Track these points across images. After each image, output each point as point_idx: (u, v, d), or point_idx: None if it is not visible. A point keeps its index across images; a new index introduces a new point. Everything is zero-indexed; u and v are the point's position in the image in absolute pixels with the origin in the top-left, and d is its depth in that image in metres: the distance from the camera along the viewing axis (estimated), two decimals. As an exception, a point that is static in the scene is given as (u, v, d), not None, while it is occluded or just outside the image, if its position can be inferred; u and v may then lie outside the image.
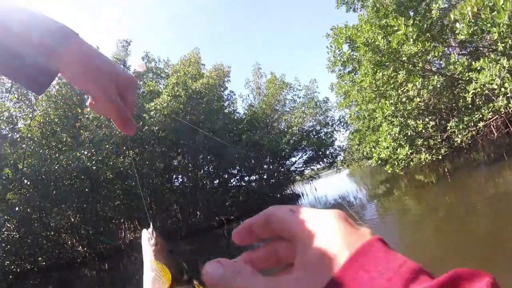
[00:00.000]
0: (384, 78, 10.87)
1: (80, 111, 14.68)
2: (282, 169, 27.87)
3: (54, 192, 11.19)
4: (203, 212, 20.15)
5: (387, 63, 10.42)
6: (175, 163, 20.73)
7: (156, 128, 16.43)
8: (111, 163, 11.64)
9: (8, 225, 11.20)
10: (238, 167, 24.83)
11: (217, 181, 24.25)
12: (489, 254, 4.13)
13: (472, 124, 8.65)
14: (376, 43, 9.76)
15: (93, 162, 11.18)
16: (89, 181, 11.74)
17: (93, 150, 11.41)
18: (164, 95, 16.40)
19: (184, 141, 18.85)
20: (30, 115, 13.85)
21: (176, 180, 21.54)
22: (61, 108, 14.40)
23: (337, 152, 27.93)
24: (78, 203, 11.70)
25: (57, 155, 11.47)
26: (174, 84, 17.18)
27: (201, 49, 22.36)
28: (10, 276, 10.99)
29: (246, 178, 26.15)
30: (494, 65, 6.54)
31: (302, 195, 28.29)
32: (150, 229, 0.63)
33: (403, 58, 9.36)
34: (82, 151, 11.05)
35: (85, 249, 13.61)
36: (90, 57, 0.58)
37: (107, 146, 11.94)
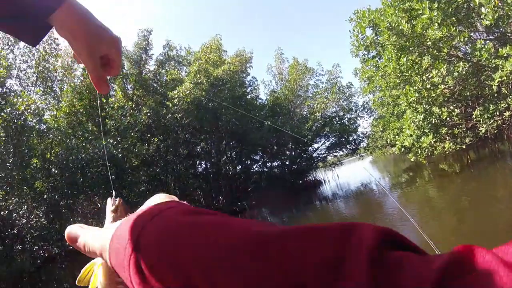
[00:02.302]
0: (409, 63, 10.53)
1: (105, 101, 15.21)
2: (305, 155, 27.79)
3: (81, 179, 11.74)
4: (226, 198, 20.59)
5: (411, 48, 10.07)
6: (198, 150, 21.16)
7: (180, 115, 16.77)
8: (136, 150, 12.06)
9: (37, 212, 11.83)
10: (260, 153, 24.99)
11: (240, 167, 24.57)
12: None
13: (498, 113, 8.27)
14: (400, 27, 9.43)
15: (119, 150, 11.66)
16: (115, 168, 12.25)
17: (118, 139, 11.87)
18: (187, 83, 16.65)
19: (207, 128, 19.16)
20: (56, 107, 14.49)
21: (199, 166, 22.04)
22: (86, 98, 14.98)
23: (360, 138, 27.47)
24: (104, 189, 12.25)
25: (83, 144, 11.99)
26: (196, 72, 17.37)
27: (222, 35, 22.38)
28: (39, 261, 11.66)
29: (268, 164, 26.32)
30: (522, 52, 6.21)
31: (324, 182, 28.18)
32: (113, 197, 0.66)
33: (428, 43, 9.01)
34: (108, 140, 11.48)
35: None
36: (81, 15, 0.62)
37: (132, 133, 12.38)
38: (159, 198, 0.48)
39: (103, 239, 0.42)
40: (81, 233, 0.49)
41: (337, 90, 25.28)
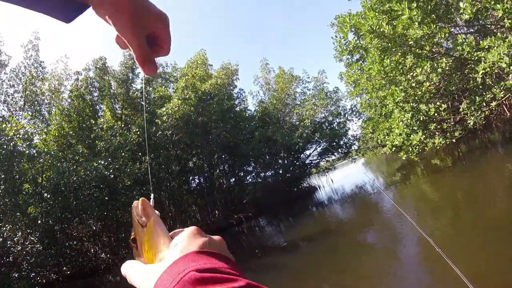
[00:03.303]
0: (392, 64, 10.71)
1: (94, 122, 15.05)
2: (297, 163, 27.85)
3: (74, 202, 11.56)
4: (221, 211, 20.41)
5: (394, 49, 10.25)
6: (190, 165, 21.03)
7: (169, 132, 16.70)
8: (128, 170, 11.93)
9: (32, 238, 11.61)
10: (253, 164, 24.95)
11: (233, 179, 24.47)
12: (506, 240, 4.09)
13: (485, 104, 8.43)
14: (381, 29, 9.61)
15: (111, 171, 11.51)
16: (107, 189, 12.06)
17: (109, 159, 11.73)
18: (175, 99, 16.65)
19: (198, 143, 19.09)
20: (45, 130, 14.31)
21: (193, 181, 21.87)
22: (75, 120, 14.82)
23: (351, 141, 27.71)
24: (98, 211, 12.01)
25: (74, 166, 11.82)
26: (183, 88, 17.41)
27: (207, 49, 22.53)
28: (37, 287, 11.39)
29: (262, 174, 26.28)
30: (502, 43, 6.35)
31: (319, 187, 28.22)
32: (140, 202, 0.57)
33: (410, 42, 9.19)
34: (99, 161, 11.35)
35: (108, 255, 13.99)
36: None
37: (123, 153, 12.25)
38: (188, 238, 0.49)
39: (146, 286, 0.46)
40: (131, 275, 0.51)
41: (325, 96, 25.58)
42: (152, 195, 0.62)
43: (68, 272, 12.80)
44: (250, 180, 26.14)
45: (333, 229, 9.54)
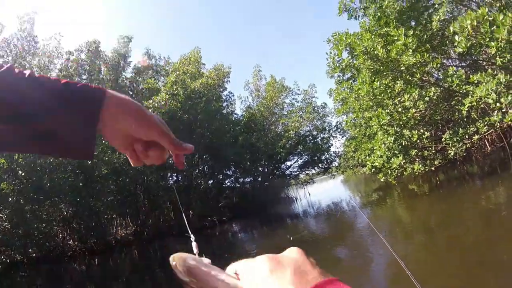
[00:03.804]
0: (382, 87, 10.96)
1: None
2: (277, 173, 27.96)
3: (48, 184, 11.15)
4: (196, 212, 20.15)
5: (385, 72, 10.51)
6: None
7: (153, 125, 16.39)
8: (106, 158, 11.61)
9: (1, 215, 11.18)
10: (233, 168, 24.85)
11: (212, 181, 24.26)
12: (477, 268, 4.19)
13: (467, 137, 8.74)
14: (376, 52, 9.85)
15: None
16: (84, 175, 11.69)
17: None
18: (163, 93, 16.44)
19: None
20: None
21: (170, 179, 21.52)
22: None
23: (333, 158, 28.08)
24: (71, 196, 11.62)
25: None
26: (173, 83, 17.22)
27: (202, 48, 22.44)
28: (0, 266, 10.96)
29: (241, 180, 26.22)
30: (491, 80, 6.62)
31: (296, 199, 28.36)
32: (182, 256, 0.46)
33: (402, 68, 9.45)
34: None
35: (76, 243, 13.56)
36: (130, 104, 0.55)
37: (103, 141, 11.92)
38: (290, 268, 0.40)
39: None
40: None
41: (312, 110, 25.88)
42: (192, 237, 0.55)
43: (34, 255, 12.33)
44: (228, 184, 26.03)
45: (306, 242, 9.56)
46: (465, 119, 9.25)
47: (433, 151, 10.28)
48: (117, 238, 16.12)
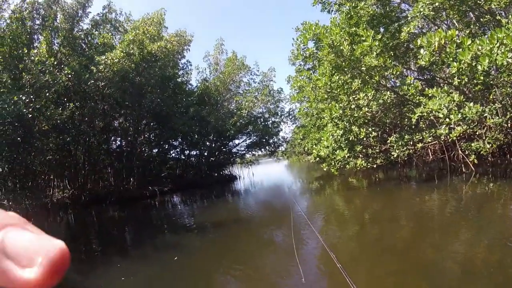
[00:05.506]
0: (340, 82, 11.44)
1: (26, 51, 13.05)
2: (224, 149, 28.01)
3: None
4: (137, 180, 19.56)
5: (345, 69, 10.95)
6: (115, 124, 19.65)
7: (102, 83, 15.35)
8: (48, 113, 10.59)
9: None
10: (180, 140, 24.36)
11: (156, 150, 23.60)
12: (401, 265, 4.68)
13: (411, 143, 9.55)
14: (341, 47, 10.20)
15: (30, 110, 10.07)
16: (22, 129, 10.58)
17: (32, 97, 10.25)
18: (118, 51, 15.35)
19: (129, 103, 17.91)
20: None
21: (113, 143, 20.46)
22: (7, 45, 12.68)
23: (280, 142, 28.85)
24: (8, 152, 10.46)
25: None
26: (130, 41, 16.13)
27: (168, 11, 21.15)
28: None
29: (187, 152, 25.85)
30: (446, 96, 7.23)
31: (239, 178, 28.82)
32: None
33: (363, 68, 9.92)
34: (20, 96, 9.83)
35: (10, 203, 12.41)
36: None
37: (47, 94, 10.86)
38: None
39: None
40: None
41: (268, 93, 26.07)
42: None
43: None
44: (173, 155, 25.54)
45: (243, 219, 9.82)
46: (413, 127, 10.05)
47: (377, 151, 11.09)
48: (53, 201, 15.09)
